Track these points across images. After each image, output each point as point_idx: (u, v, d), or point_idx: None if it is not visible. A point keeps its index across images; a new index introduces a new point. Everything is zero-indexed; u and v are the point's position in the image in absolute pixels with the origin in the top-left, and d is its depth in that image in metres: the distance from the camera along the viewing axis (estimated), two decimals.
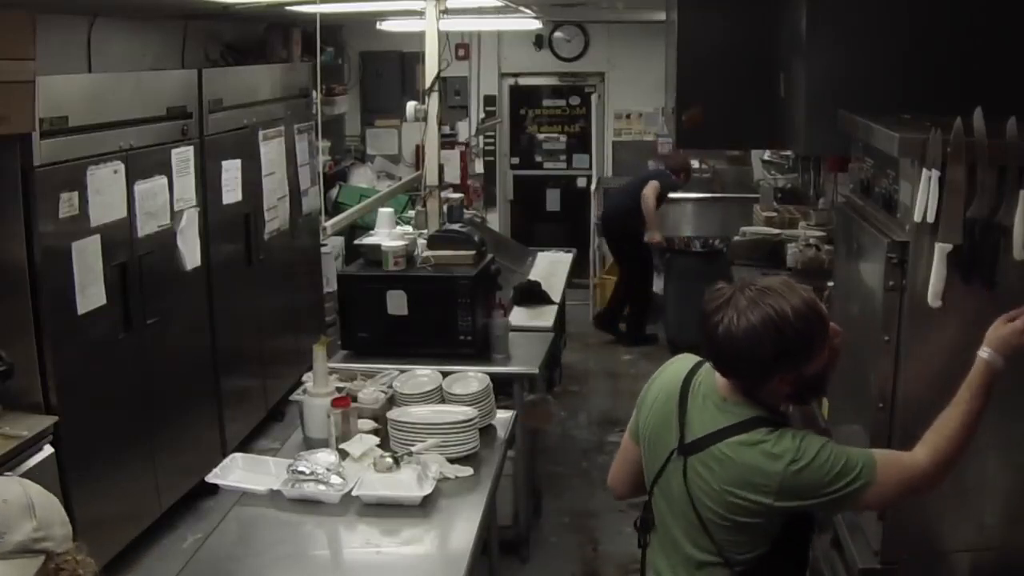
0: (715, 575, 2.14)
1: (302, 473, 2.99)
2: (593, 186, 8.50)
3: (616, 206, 7.63)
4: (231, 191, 5.29)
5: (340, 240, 7.17)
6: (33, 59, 3.47)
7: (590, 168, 8.84)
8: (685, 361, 2.29)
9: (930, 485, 2.09)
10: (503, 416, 3.63)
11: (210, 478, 3.18)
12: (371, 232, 4.65)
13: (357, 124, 9.17)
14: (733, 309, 2.02)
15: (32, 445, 3.60)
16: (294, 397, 3.67)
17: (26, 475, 3.54)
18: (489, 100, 9.13)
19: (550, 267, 6.10)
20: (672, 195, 7.63)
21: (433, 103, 5.21)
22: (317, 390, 3.42)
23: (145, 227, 4.43)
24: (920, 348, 2.35)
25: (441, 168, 5.49)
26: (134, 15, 5.55)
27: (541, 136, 9.49)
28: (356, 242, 4.71)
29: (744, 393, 2.11)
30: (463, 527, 2.87)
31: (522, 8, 6.59)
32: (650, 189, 7.27)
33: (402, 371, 3.68)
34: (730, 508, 2.07)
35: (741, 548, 2.11)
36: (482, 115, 9.02)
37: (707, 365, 2.20)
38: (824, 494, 2.02)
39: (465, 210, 6.11)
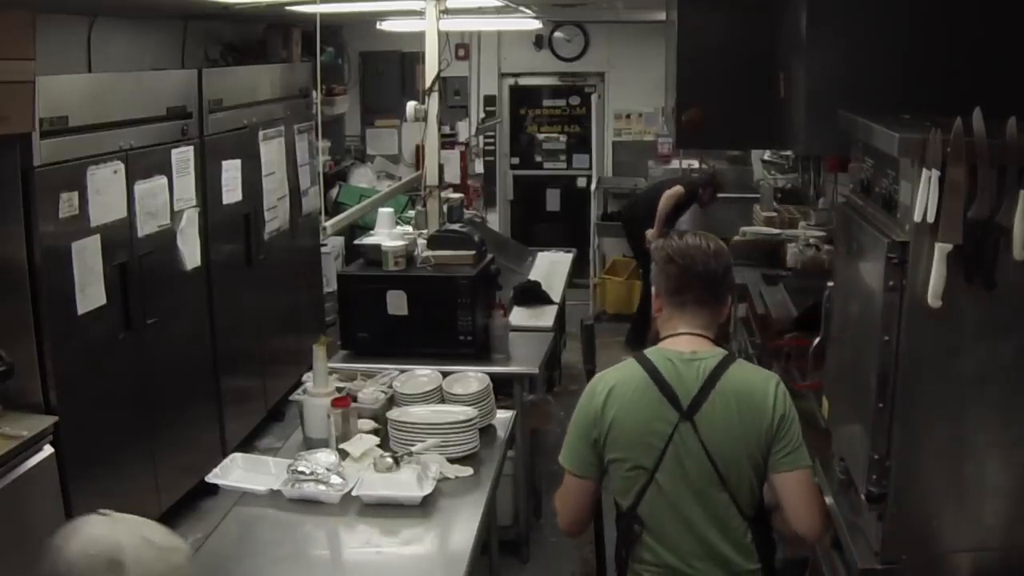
0: (735, 526, 2.28)
1: (302, 473, 2.99)
2: (593, 186, 8.50)
3: (636, 212, 7.56)
4: (231, 191, 5.28)
5: (340, 240, 7.17)
6: (33, 59, 3.47)
7: (590, 168, 8.84)
8: (620, 369, 2.36)
9: None
10: (503, 416, 3.63)
11: (210, 478, 3.18)
12: (371, 232, 4.64)
13: (357, 124, 9.16)
14: (697, 242, 2.33)
15: (32, 445, 3.60)
16: (294, 397, 3.67)
17: (26, 475, 3.55)
18: (489, 100, 9.12)
19: (550, 267, 6.09)
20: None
21: (433, 103, 5.21)
22: (317, 390, 3.42)
23: (145, 227, 4.43)
24: (920, 348, 2.35)
25: (441, 168, 5.48)
26: (134, 15, 5.55)
27: (541, 136, 9.48)
28: (356, 242, 4.71)
29: (708, 330, 2.34)
30: (463, 527, 2.87)
31: (522, 8, 6.59)
32: (673, 192, 7.22)
33: (402, 371, 3.68)
34: (754, 431, 2.25)
35: (752, 495, 2.29)
36: (482, 115, 9.02)
37: (649, 352, 2.36)
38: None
39: (465, 210, 6.11)
